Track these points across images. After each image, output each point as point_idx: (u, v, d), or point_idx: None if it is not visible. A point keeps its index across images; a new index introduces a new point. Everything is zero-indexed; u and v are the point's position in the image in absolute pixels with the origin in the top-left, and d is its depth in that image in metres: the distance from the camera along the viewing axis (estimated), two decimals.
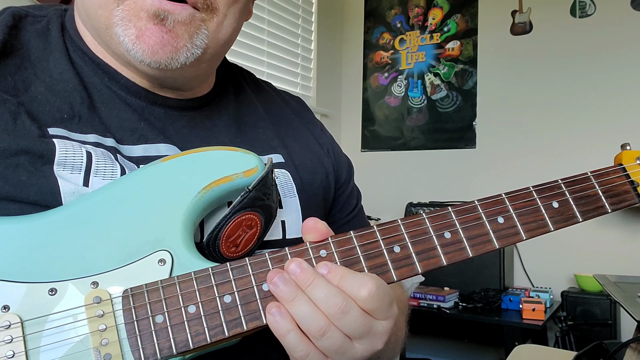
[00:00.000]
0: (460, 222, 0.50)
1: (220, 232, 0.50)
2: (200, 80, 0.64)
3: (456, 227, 0.50)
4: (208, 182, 0.49)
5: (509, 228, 0.51)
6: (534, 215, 0.51)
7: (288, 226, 0.61)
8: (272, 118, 0.71)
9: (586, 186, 0.54)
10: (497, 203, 0.51)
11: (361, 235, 0.49)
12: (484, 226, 0.50)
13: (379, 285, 0.45)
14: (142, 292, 0.44)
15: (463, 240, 0.50)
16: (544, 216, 0.52)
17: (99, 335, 0.42)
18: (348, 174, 0.75)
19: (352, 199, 0.76)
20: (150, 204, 0.48)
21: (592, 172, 0.55)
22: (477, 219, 0.51)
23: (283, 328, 0.44)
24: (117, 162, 0.53)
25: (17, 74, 0.54)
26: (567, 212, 0.52)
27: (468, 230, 0.50)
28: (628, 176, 0.55)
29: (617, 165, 0.56)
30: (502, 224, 0.51)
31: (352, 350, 0.45)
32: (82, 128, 0.54)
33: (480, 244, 0.50)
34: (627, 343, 0.96)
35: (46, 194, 0.48)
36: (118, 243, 0.46)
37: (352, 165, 0.78)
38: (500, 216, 0.51)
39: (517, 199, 0.52)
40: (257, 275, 0.46)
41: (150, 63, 0.54)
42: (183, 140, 0.60)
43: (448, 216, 0.50)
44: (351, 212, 0.75)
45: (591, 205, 0.53)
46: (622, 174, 0.55)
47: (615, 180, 0.54)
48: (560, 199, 0.52)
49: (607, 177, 0.54)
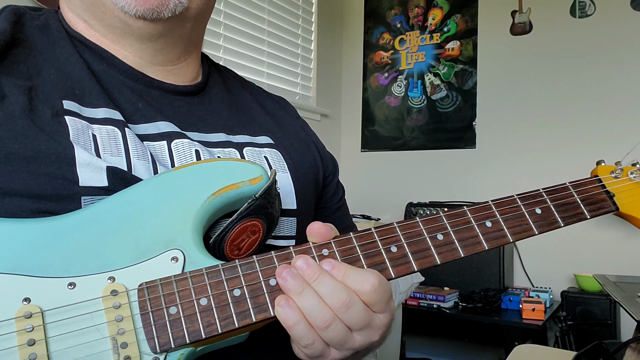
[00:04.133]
0: (451, 225, 0.54)
1: (227, 235, 0.53)
2: (185, 48, 0.67)
3: (448, 230, 0.54)
4: (217, 189, 0.53)
5: (497, 231, 0.55)
6: (519, 220, 0.56)
7: (282, 198, 0.63)
8: (260, 105, 0.75)
9: (566, 195, 0.59)
10: (485, 209, 0.56)
11: (360, 236, 0.52)
12: (473, 229, 0.54)
13: (380, 280, 0.48)
14: (157, 285, 0.47)
15: (455, 242, 0.54)
16: (528, 221, 0.56)
17: (116, 325, 0.44)
18: (334, 167, 0.79)
19: (340, 189, 0.81)
20: (163, 207, 0.51)
21: (570, 182, 0.60)
22: (466, 222, 0.55)
23: (292, 319, 0.46)
24: (121, 140, 0.55)
25: (28, 61, 0.57)
26: (549, 218, 0.57)
27: (459, 232, 0.54)
28: (604, 186, 0.61)
29: (593, 177, 0.62)
30: (490, 227, 0.55)
31: (352, 341, 0.48)
32: (93, 102, 0.57)
33: (470, 245, 0.54)
34: (627, 343, 0.96)
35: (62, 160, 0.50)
36: (133, 242, 0.49)
37: (337, 163, 0.82)
38: (488, 220, 0.55)
39: (503, 205, 0.57)
40: (264, 271, 0.49)
41: (144, 12, 0.58)
42: (180, 119, 0.63)
43: (440, 220, 0.54)
44: (340, 200, 0.80)
45: (571, 211, 0.58)
46: (598, 184, 0.61)
47: (592, 190, 0.60)
48: (542, 206, 0.57)
49: (584, 187, 0.60)
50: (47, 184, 0.49)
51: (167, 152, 0.58)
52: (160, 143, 0.59)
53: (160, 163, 0.57)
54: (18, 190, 0.49)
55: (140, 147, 0.56)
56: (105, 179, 0.51)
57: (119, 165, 0.53)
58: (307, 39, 3.09)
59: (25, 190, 0.49)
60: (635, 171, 0.62)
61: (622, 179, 0.61)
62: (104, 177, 0.51)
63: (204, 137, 0.63)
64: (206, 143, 0.62)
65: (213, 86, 0.71)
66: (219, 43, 2.45)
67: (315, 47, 3.14)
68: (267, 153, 0.66)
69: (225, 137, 0.65)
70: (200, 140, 0.62)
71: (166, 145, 0.59)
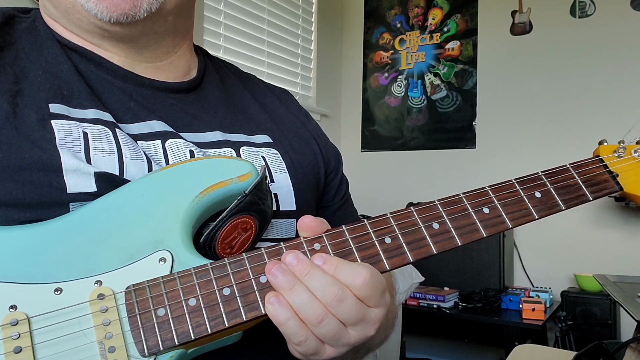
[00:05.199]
0: (447, 213, 0.52)
1: (217, 233, 0.52)
2: (172, 42, 0.65)
3: (443, 218, 0.52)
4: (205, 187, 0.51)
5: (495, 217, 0.53)
6: (519, 205, 0.54)
7: (281, 199, 0.63)
8: (259, 102, 0.73)
9: (566, 177, 0.56)
10: (481, 195, 0.54)
11: (353, 229, 0.51)
12: (470, 216, 0.52)
13: (372, 274, 0.47)
14: (144, 287, 0.46)
15: (451, 230, 0.52)
16: (527, 205, 0.54)
17: (103, 330, 0.44)
18: (337, 161, 0.77)
19: (343, 184, 0.78)
20: (150, 208, 0.50)
21: (570, 164, 0.58)
22: (463, 210, 0.53)
23: (282, 316, 0.45)
24: (113, 140, 0.54)
25: (15, 64, 0.56)
26: (550, 201, 0.55)
27: (455, 220, 0.52)
28: (606, 166, 0.57)
29: (594, 157, 0.59)
30: (488, 214, 0.53)
31: (347, 336, 0.47)
32: (82, 103, 0.55)
33: (468, 232, 0.52)
34: (627, 343, 0.96)
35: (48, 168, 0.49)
36: (120, 245, 0.48)
37: (340, 155, 0.79)
38: (485, 207, 0.53)
39: (501, 190, 0.54)
40: (254, 268, 0.48)
41: (117, 18, 0.55)
42: (174, 118, 0.61)
43: (435, 208, 0.52)
44: (343, 197, 0.78)
45: (573, 194, 0.55)
46: (600, 164, 0.58)
47: (594, 171, 0.57)
48: (542, 189, 0.55)
49: (585, 168, 0.57)
50: (33, 192, 0.48)
51: (161, 152, 0.57)
52: (154, 142, 0.57)
53: (156, 162, 0.56)
54: (3, 200, 0.48)
55: (133, 147, 0.55)
56: (93, 185, 0.50)
57: (110, 166, 0.52)
58: (307, 39, 3.09)
59: (11, 199, 0.48)
60: (639, 149, 0.59)
61: (625, 158, 0.58)
62: (92, 182, 0.50)
63: (199, 137, 0.61)
64: (201, 144, 0.61)
65: (209, 83, 0.69)
66: (219, 43, 2.45)
67: (315, 47, 3.14)
68: (264, 153, 0.65)
69: (221, 135, 0.63)
70: (194, 141, 0.60)
71: (160, 145, 0.58)
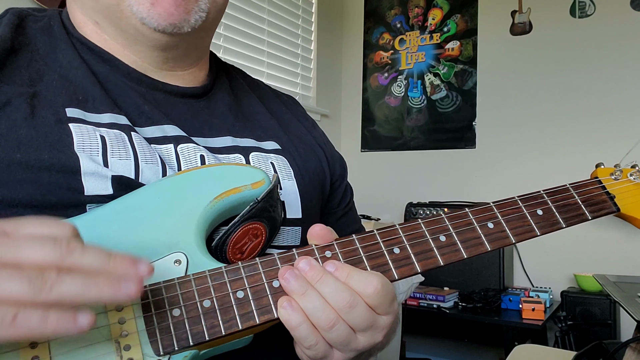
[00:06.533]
0: (454, 226, 0.54)
1: (229, 238, 0.53)
2: (197, 56, 0.67)
3: (450, 231, 0.54)
4: (219, 193, 0.53)
5: (499, 232, 0.55)
6: (521, 221, 0.56)
7: (288, 207, 0.64)
8: (267, 108, 0.74)
9: (566, 196, 0.59)
10: (486, 210, 0.56)
11: (363, 238, 0.52)
12: (475, 230, 0.55)
13: (383, 283, 0.48)
14: (160, 288, 0.47)
15: (457, 243, 0.54)
16: (530, 222, 0.56)
17: (119, 328, 0.44)
18: (342, 169, 0.78)
19: (348, 192, 0.79)
20: (166, 211, 0.51)
21: (570, 184, 0.60)
22: (468, 224, 0.55)
23: (294, 320, 0.46)
24: (129, 144, 0.55)
25: (30, 66, 0.56)
26: (551, 219, 0.57)
27: (461, 234, 0.54)
28: (604, 188, 0.61)
29: (593, 178, 0.63)
30: (492, 228, 0.55)
31: (355, 342, 0.48)
32: (98, 108, 0.56)
33: (473, 246, 0.54)
34: (627, 343, 0.96)
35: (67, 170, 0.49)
36: (136, 246, 0.49)
37: (345, 163, 0.80)
38: (490, 222, 0.55)
39: (504, 206, 0.57)
40: (267, 273, 0.49)
41: (165, 27, 0.57)
42: (186, 123, 0.62)
43: (442, 221, 0.55)
44: (347, 206, 0.79)
45: (573, 212, 0.58)
46: (599, 185, 0.61)
47: (593, 192, 0.61)
48: (544, 207, 0.58)
49: (585, 188, 0.61)
50: (51, 194, 0.49)
51: (174, 156, 0.58)
52: (167, 146, 0.58)
53: (169, 166, 0.56)
54: (21, 201, 0.48)
55: (148, 150, 0.56)
56: (110, 187, 0.51)
57: (127, 170, 0.53)
58: (307, 39, 3.09)
59: (29, 200, 0.48)
60: (634, 172, 0.63)
61: (621, 181, 0.62)
62: (109, 185, 0.51)
63: (209, 142, 0.62)
64: (212, 149, 0.61)
65: (219, 88, 0.70)
66: (219, 43, 2.45)
67: (315, 47, 3.14)
68: (273, 159, 0.65)
69: (231, 140, 0.64)
70: (206, 145, 0.61)
71: (173, 149, 0.58)
